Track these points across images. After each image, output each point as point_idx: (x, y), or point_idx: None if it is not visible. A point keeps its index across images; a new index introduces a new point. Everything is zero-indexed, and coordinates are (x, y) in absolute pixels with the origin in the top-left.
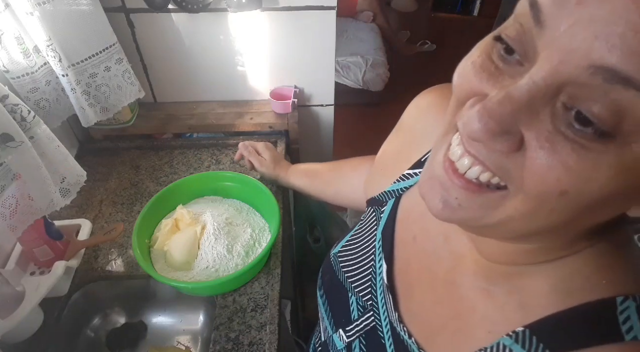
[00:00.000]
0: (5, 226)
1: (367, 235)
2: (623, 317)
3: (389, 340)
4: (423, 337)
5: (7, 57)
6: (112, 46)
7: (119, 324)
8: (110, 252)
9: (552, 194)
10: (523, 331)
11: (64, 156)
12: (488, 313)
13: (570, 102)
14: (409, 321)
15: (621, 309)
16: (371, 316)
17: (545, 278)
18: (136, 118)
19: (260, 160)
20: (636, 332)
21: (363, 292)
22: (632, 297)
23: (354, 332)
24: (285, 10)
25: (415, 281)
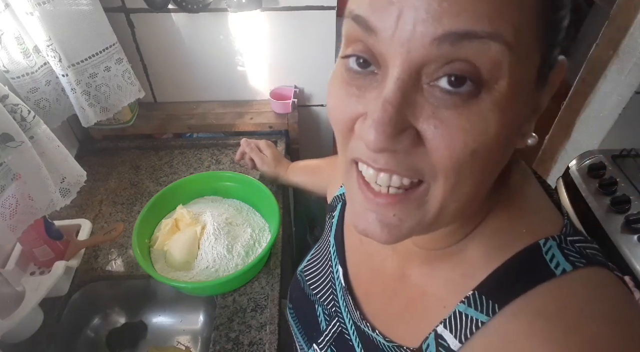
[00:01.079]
0: (5, 226)
1: (325, 244)
2: (549, 256)
3: (356, 340)
4: (386, 328)
5: (7, 57)
6: (112, 46)
7: (119, 324)
8: (110, 252)
9: (465, 159)
10: (472, 294)
11: (64, 156)
12: (439, 292)
13: (432, 77)
14: (371, 317)
15: (545, 249)
16: (337, 322)
17: (478, 245)
18: (136, 118)
19: (262, 157)
20: (563, 266)
21: (327, 300)
22: (552, 237)
23: (325, 343)
24: (285, 10)
25: (368, 280)
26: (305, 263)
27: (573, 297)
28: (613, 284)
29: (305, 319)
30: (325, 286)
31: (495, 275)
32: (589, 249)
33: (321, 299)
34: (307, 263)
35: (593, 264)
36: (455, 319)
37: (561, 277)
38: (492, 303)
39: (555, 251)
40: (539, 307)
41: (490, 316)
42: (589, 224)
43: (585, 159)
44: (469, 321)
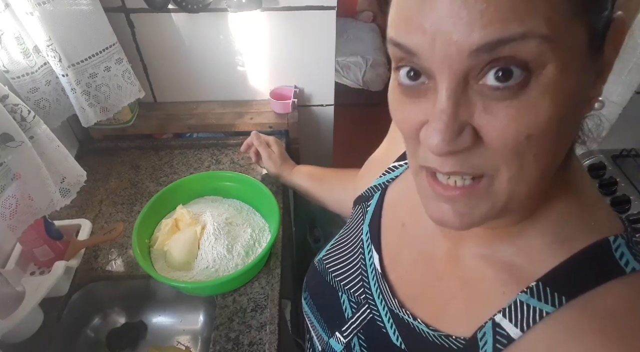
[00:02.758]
0: (5, 226)
1: (354, 232)
2: (619, 253)
3: (392, 328)
4: (430, 316)
5: (7, 57)
6: (112, 46)
7: (119, 324)
8: (110, 252)
9: (520, 145)
10: (536, 284)
11: (64, 156)
12: (498, 276)
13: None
14: (411, 304)
15: (615, 246)
16: (367, 310)
17: (543, 234)
18: (136, 118)
19: (270, 152)
20: (633, 265)
21: (354, 287)
22: (620, 235)
23: (350, 331)
24: (285, 10)
25: (409, 265)
26: (326, 252)
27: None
28: None
29: (326, 308)
30: (353, 274)
31: (562, 267)
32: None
33: (346, 287)
34: (329, 251)
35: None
36: (516, 309)
37: (631, 276)
38: (559, 295)
39: (624, 249)
40: (610, 305)
41: (556, 307)
42: None
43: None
44: (531, 311)
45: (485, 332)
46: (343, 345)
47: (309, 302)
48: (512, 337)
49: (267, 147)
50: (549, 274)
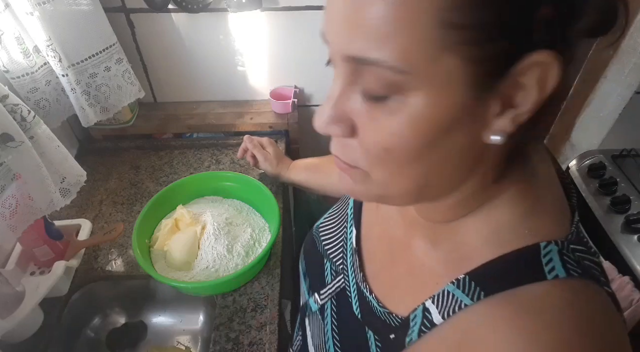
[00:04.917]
0: (5, 226)
1: (344, 206)
2: (546, 259)
3: (354, 298)
4: (382, 293)
5: (7, 57)
6: (112, 46)
7: (119, 324)
8: (110, 252)
9: (379, 155)
10: (464, 278)
11: (64, 156)
12: (435, 269)
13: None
14: (372, 280)
15: (544, 252)
16: (341, 279)
17: (479, 233)
18: (136, 118)
19: (265, 154)
20: (558, 272)
21: (336, 257)
22: (554, 241)
23: (327, 295)
24: (285, 10)
25: (377, 245)
26: (322, 221)
27: (559, 300)
28: (600, 300)
29: (314, 271)
30: (337, 244)
31: (489, 265)
32: (587, 261)
33: (331, 256)
34: (324, 221)
35: (587, 277)
36: (443, 297)
37: (551, 281)
38: (480, 290)
39: (554, 255)
40: (524, 302)
41: (474, 301)
42: (589, 224)
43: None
44: (454, 301)
45: (416, 315)
46: (319, 306)
47: (302, 263)
48: (434, 322)
49: (261, 149)
50: (477, 270)
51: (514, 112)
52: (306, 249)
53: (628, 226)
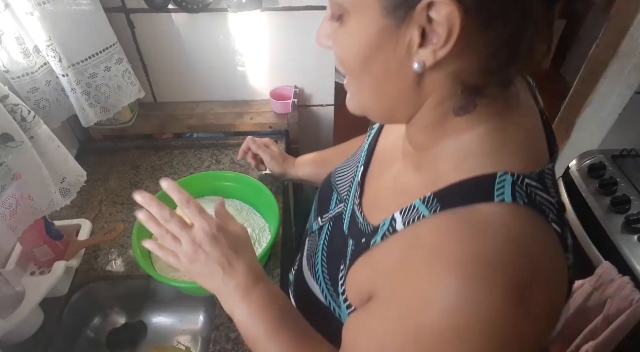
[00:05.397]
0: (5, 226)
1: (360, 151)
2: (498, 186)
3: (347, 219)
4: (368, 211)
5: (7, 57)
6: (112, 46)
7: (119, 324)
8: (110, 252)
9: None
10: (429, 195)
11: (64, 156)
12: (412, 190)
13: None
14: (364, 205)
15: (499, 180)
16: (342, 205)
17: (450, 162)
18: (136, 118)
19: (271, 153)
20: (504, 197)
21: (342, 189)
22: (511, 173)
23: (327, 218)
24: (285, 10)
25: (376, 178)
26: (340, 165)
27: (497, 219)
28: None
29: (322, 201)
30: (346, 180)
31: (450, 187)
32: (540, 197)
33: (339, 188)
34: (341, 165)
35: (532, 208)
36: (410, 210)
37: (497, 203)
38: (438, 205)
39: (507, 184)
40: (468, 217)
41: (431, 213)
42: (589, 224)
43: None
44: (416, 213)
45: (385, 223)
46: (319, 226)
47: (315, 198)
48: (397, 229)
49: (266, 148)
50: (441, 191)
51: (433, 46)
52: (322, 186)
53: (628, 226)
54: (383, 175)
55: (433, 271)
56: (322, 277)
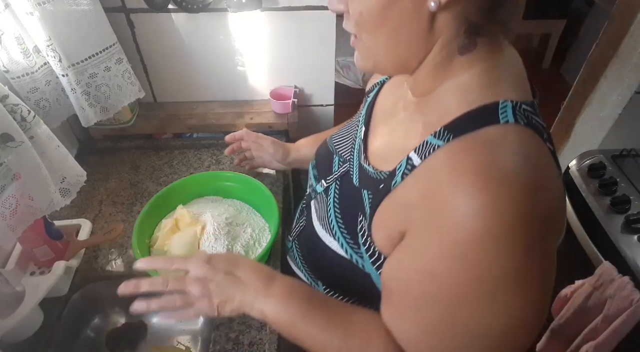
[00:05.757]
0: (5, 226)
1: (357, 118)
2: (502, 111)
3: (355, 173)
4: (376, 162)
5: (7, 57)
6: (112, 46)
7: (119, 324)
8: (110, 252)
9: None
10: (440, 129)
11: (64, 156)
12: (423, 130)
13: None
14: (370, 157)
15: (501, 106)
16: (347, 165)
17: (453, 98)
18: (136, 118)
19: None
20: (508, 119)
21: (344, 151)
22: (510, 101)
23: (332, 179)
24: (285, 10)
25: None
26: (336, 132)
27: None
28: (538, 143)
29: (322, 166)
30: (347, 143)
31: (459, 118)
32: (535, 121)
33: (339, 151)
34: (338, 132)
35: (531, 127)
36: (423, 146)
37: (503, 125)
38: (450, 134)
39: (509, 109)
40: (479, 138)
41: (444, 142)
42: (589, 224)
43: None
44: (430, 147)
45: (401, 164)
46: (324, 188)
47: (313, 163)
48: (415, 165)
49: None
50: (450, 123)
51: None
52: (319, 153)
53: (628, 226)
54: (386, 129)
55: (457, 187)
56: (339, 233)
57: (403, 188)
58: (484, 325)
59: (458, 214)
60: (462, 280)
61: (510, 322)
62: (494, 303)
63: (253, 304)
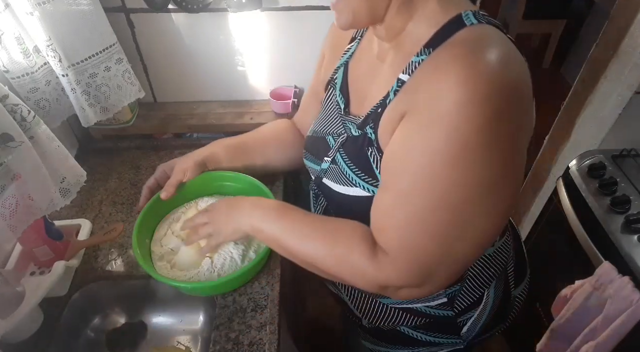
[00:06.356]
0: (5, 226)
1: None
2: (466, 18)
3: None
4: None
5: (7, 57)
6: (112, 46)
7: (119, 324)
8: (110, 252)
9: None
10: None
11: (64, 156)
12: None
13: None
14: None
15: (464, 15)
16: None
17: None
18: (136, 118)
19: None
20: (472, 20)
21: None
22: (470, 10)
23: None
24: (285, 10)
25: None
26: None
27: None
28: (502, 36)
29: (316, 148)
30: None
31: (434, 36)
32: (493, 21)
33: (330, 131)
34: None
35: (492, 25)
36: (410, 66)
37: (469, 26)
38: (429, 48)
39: (470, 15)
40: (454, 40)
41: (426, 55)
42: (589, 224)
43: (585, 159)
44: (416, 63)
45: (392, 87)
46: (329, 162)
47: (307, 156)
48: (404, 80)
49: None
50: (427, 42)
51: None
52: (308, 144)
53: (628, 226)
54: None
55: (443, 78)
56: (357, 180)
57: (396, 100)
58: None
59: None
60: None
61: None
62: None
63: (242, 222)
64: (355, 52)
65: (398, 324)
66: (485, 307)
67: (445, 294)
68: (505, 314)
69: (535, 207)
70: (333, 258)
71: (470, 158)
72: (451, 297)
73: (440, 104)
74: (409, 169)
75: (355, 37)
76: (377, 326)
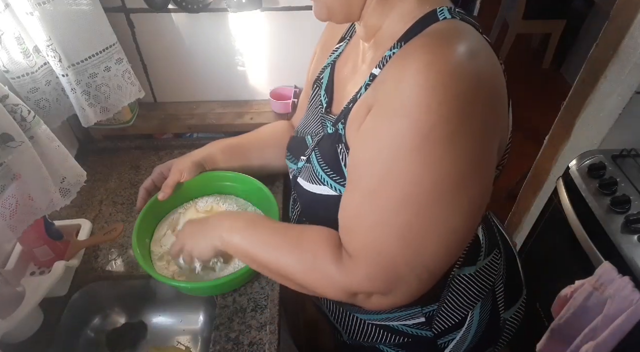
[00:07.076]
0: (5, 226)
1: (316, 99)
2: (440, 13)
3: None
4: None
5: (7, 57)
6: (112, 46)
7: (119, 324)
8: (110, 252)
9: None
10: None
11: (64, 156)
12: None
13: None
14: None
15: (439, 10)
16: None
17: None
18: (136, 118)
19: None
20: (445, 16)
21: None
22: (447, 6)
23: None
24: (285, 10)
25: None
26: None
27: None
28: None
29: (296, 147)
30: (313, 122)
31: (408, 30)
32: (469, 18)
33: (310, 131)
34: (303, 119)
35: (466, 22)
36: (383, 60)
37: (442, 21)
38: (402, 42)
39: (445, 11)
40: (426, 33)
41: (398, 48)
42: (589, 224)
43: (585, 159)
44: (387, 58)
45: (365, 81)
46: (304, 161)
47: (288, 156)
48: (376, 74)
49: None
50: (401, 37)
51: None
52: (291, 145)
53: (628, 226)
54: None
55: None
56: (326, 178)
57: (367, 95)
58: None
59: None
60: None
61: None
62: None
63: (212, 236)
64: (342, 53)
65: (377, 341)
66: (469, 330)
67: (423, 313)
68: (495, 337)
69: (535, 207)
70: (300, 265)
71: (433, 151)
72: (429, 317)
73: (402, 92)
74: (373, 165)
75: (345, 37)
76: (357, 342)
